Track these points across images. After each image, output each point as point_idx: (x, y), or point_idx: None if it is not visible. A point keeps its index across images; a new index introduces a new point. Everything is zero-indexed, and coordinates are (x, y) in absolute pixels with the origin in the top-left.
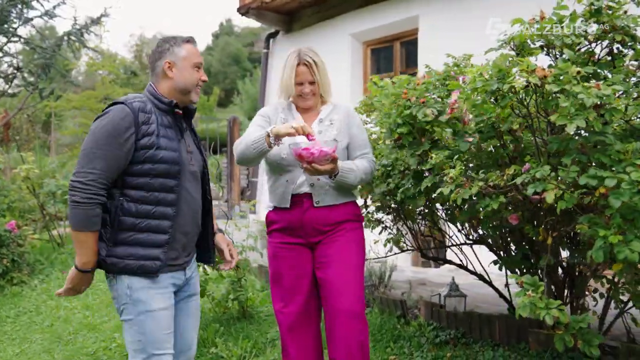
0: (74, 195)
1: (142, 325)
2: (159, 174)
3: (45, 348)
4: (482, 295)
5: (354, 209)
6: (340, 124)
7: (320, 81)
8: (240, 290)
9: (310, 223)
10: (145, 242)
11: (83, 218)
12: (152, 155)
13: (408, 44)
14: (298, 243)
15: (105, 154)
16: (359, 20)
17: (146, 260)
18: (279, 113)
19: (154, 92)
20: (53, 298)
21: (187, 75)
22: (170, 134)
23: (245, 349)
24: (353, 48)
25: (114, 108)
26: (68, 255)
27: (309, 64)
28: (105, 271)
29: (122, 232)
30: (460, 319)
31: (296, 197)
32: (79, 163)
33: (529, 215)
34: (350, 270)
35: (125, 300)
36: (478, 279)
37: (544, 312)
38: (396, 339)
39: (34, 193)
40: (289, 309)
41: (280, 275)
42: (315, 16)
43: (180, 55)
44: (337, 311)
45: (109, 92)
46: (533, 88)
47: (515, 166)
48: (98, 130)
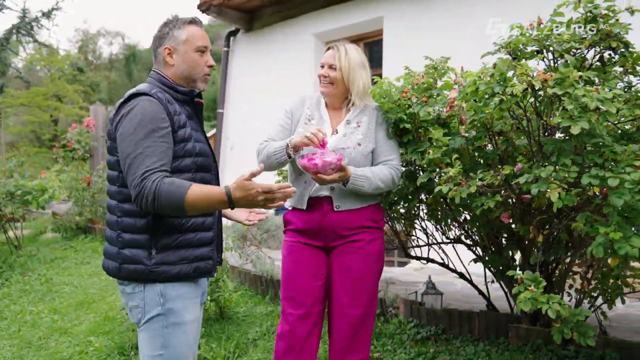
0: (145, 198)
1: (168, 338)
2: (199, 168)
3: (15, 354)
4: (451, 293)
5: (375, 213)
6: (367, 127)
7: (345, 71)
8: (218, 291)
9: (329, 227)
10: (195, 243)
11: (174, 193)
12: (191, 149)
13: (372, 44)
14: (316, 245)
15: (152, 151)
16: (322, 20)
17: (200, 262)
18: (305, 108)
19: (167, 82)
20: (16, 302)
21: (189, 61)
22: (194, 125)
23: (228, 349)
24: (316, 48)
25: (139, 100)
26: (27, 257)
27: (336, 49)
28: (144, 281)
29: (166, 236)
30: (439, 315)
31: (315, 199)
32: (129, 174)
33: (519, 214)
34: (367, 286)
35: (154, 310)
36: (459, 277)
37: (546, 307)
38: (378, 337)
39: None
40: (298, 312)
41: (293, 274)
42: (277, 15)
43: (180, 39)
44: (346, 321)
45: (58, 89)
46: (530, 91)
47: (510, 166)
48: (133, 128)
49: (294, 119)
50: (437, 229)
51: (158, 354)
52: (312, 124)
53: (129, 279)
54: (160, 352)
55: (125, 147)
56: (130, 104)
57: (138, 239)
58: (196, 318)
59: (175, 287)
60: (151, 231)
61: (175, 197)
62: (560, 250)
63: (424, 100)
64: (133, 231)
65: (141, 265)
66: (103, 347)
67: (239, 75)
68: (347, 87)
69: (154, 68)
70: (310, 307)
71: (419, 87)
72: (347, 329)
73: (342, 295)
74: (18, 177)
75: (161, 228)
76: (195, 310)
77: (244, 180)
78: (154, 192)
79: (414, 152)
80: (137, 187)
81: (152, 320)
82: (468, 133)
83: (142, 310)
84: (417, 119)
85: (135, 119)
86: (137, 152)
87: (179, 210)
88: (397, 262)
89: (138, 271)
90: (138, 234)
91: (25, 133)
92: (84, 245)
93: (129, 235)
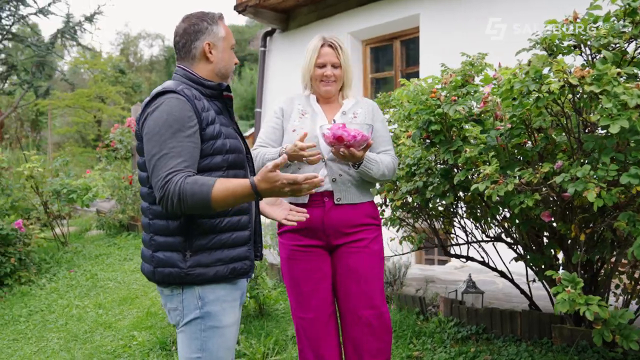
0: (169, 200)
1: (206, 341)
2: (231, 166)
3: (63, 347)
4: (491, 292)
5: (373, 209)
6: (365, 118)
7: (345, 68)
8: (257, 288)
9: (331, 224)
10: (230, 243)
11: (199, 192)
12: (221, 146)
13: (408, 42)
14: (316, 245)
15: (178, 151)
16: (357, 18)
17: (236, 262)
18: (296, 104)
19: (194, 77)
20: (63, 297)
21: (227, 58)
22: (224, 120)
23: (267, 346)
24: (352, 47)
25: (166, 98)
26: (73, 254)
27: (334, 46)
28: (182, 284)
29: (200, 237)
30: (481, 314)
31: (315, 194)
32: (154, 174)
33: (560, 212)
34: (375, 284)
35: (192, 314)
36: (500, 275)
37: (584, 308)
38: (417, 335)
39: (37, 192)
40: (309, 315)
41: (298, 280)
42: (313, 14)
43: (220, 35)
44: (361, 322)
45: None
46: (568, 88)
47: (549, 164)
48: (158, 128)
49: (285, 117)
50: (476, 227)
51: (196, 356)
52: (306, 117)
53: (164, 283)
54: (198, 355)
55: (150, 147)
56: (156, 103)
57: (171, 242)
58: (235, 321)
59: (213, 290)
60: (185, 233)
61: (201, 196)
62: (605, 249)
63: (453, 99)
64: (166, 234)
65: (176, 269)
66: (145, 342)
67: (275, 74)
68: (343, 82)
69: (178, 64)
70: (319, 311)
71: (449, 86)
72: (363, 330)
73: (353, 297)
74: (63, 176)
75: (195, 229)
76: (234, 313)
77: (268, 172)
78: (179, 194)
79: (446, 152)
80: (161, 189)
81: (190, 323)
82: (503, 127)
83: (181, 313)
84: (448, 118)
85: (161, 118)
86: (162, 152)
87: (206, 208)
88: (438, 260)
89: (173, 275)
90: (171, 236)
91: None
92: (127, 242)
93: (162, 238)
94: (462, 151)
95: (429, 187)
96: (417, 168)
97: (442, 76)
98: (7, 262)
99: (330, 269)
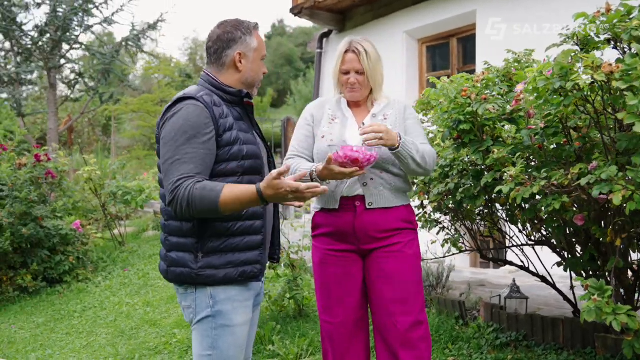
0: (179, 205)
1: (217, 339)
2: (246, 171)
3: (109, 342)
4: (543, 298)
5: (408, 213)
6: (395, 119)
7: (370, 72)
8: (296, 290)
9: (362, 229)
10: (242, 247)
11: (207, 197)
12: (237, 152)
13: (465, 40)
14: (348, 250)
15: (191, 157)
16: (413, 17)
17: (246, 266)
18: (326, 109)
19: (216, 83)
20: (116, 294)
21: (257, 69)
22: (244, 126)
23: (301, 347)
24: (408, 46)
25: (184, 105)
26: (129, 253)
27: (357, 52)
28: (193, 284)
29: (213, 239)
30: (521, 321)
31: (347, 199)
32: (166, 178)
33: (595, 215)
34: (410, 289)
35: (204, 312)
36: (540, 281)
37: (611, 318)
38: (454, 340)
39: (96, 194)
40: (335, 320)
41: (328, 285)
42: (369, 14)
43: (252, 46)
44: (396, 330)
45: (165, 95)
46: (599, 85)
47: (582, 164)
48: (174, 133)
49: (315, 123)
50: (520, 231)
51: (207, 354)
52: (336, 122)
53: (176, 282)
54: (209, 353)
55: (165, 152)
56: (175, 108)
57: (184, 243)
58: (246, 321)
59: (225, 289)
60: (198, 235)
61: (209, 201)
62: None
63: (484, 98)
64: (179, 234)
65: (187, 269)
66: (185, 339)
67: (331, 76)
68: (370, 86)
69: (206, 68)
70: (348, 316)
71: (481, 84)
72: (398, 337)
73: (389, 303)
74: (120, 179)
75: (208, 232)
76: (246, 313)
77: (273, 179)
78: (188, 199)
79: (475, 152)
80: (171, 193)
81: (202, 321)
82: (535, 126)
83: (194, 311)
84: (479, 117)
85: (177, 123)
86: (175, 157)
87: (214, 212)
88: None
89: (184, 274)
90: (184, 237)
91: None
92: None
93: (176, 239)
94: (492, 151)
95: (459, 189)
96: (450, 169)
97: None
98: (66, 261)
99: (361, 275)
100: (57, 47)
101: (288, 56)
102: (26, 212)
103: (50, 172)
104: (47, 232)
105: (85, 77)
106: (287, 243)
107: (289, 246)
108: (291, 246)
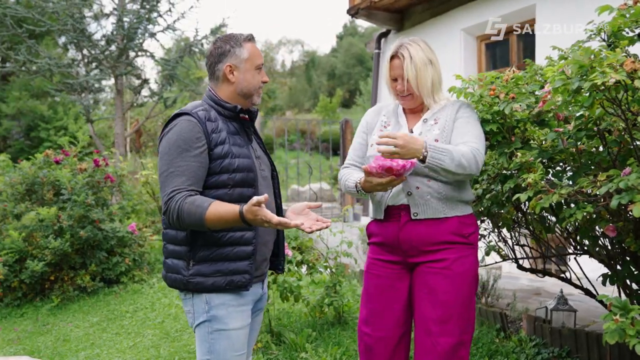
0: (171, 216)
1: (214, 343)
2: (237, 184)
3: (154, 343)
4: (594, 309)
5: (462, 226)
6: (445, 121)
7: (414, 80)
8: (335, 296)
9: (407, 240)
10: (231, 256)
11: (194, 213)
12: (228, 165)
13: (525, 36)
14: (394, 261)
15: (183, 170)
16: (471, 14)
17: (234, 275)
18: (381, 115)
19: (215, 98)
20: (167, 296)
21: (250, 79)
22: (240, 140)
23: (334, 355)
24: (466, 43)
25: (179, 120)
26: None
27: (402, 57)
28: (186, 290)
29: (204, 248)
30: (565, 336)
31: (392, 208)
32: (162, 190)
33: (631, 226)
34: (454, 310)
35: (201, 316)
36: (584, 293)
37: (635, 341)
38: (493, 354)
39: (153, 197)
40: (375, 334)
41: (371, 295)
42: (427, 12)
43: (242, 57)
44: (435, 351)
45: None
46: (624, 84)
47: (614, 170)
48: (168, 148)
49: (368, 131)
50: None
51: (206, 358)
52: (388, 129)
53: (173, 287)
54: (207, 357)
55: (161, 165)
56: (171, 124)
57: (178, 250)
58: (242, 325)
59: (219, 295)
60: (190, 243)
61: (195, 217)
62: None
63: (512, 97)
64: (175, 242)
65: (180, 275)
66: None
67: None
68: (420, 92)
69: (208, 84)
70: (388, 330)
71: (510, 82)
72: (438, 359)
73: (429, 322)
74: None
75: (199, 241)
76: (242, 318)
77: (252, 205)
78: (178, 212)
79: (502, 155)
80: (165, 204)
81: (200, 325)
82: (564, 129)
83: (193, 316)
84: (508, 118)
85: (172, 138)
86: (169, 170)
87: (201, 227)
88: (554, 271)
89: (177, 281)
90: (178, 245)
91: None
92: None
93: (172, 246)
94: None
95: (487, 195)
96: (481, 174)
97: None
98: (122, 262)
99: (407, 290)
100: (123, 54)
101: (359, 56)
102: (84, 215)
103: (109, 176)
104: (104, 234)
105: (149, 82)
106: (325, 249)
107: (327, 252)
108: (329, 251)
